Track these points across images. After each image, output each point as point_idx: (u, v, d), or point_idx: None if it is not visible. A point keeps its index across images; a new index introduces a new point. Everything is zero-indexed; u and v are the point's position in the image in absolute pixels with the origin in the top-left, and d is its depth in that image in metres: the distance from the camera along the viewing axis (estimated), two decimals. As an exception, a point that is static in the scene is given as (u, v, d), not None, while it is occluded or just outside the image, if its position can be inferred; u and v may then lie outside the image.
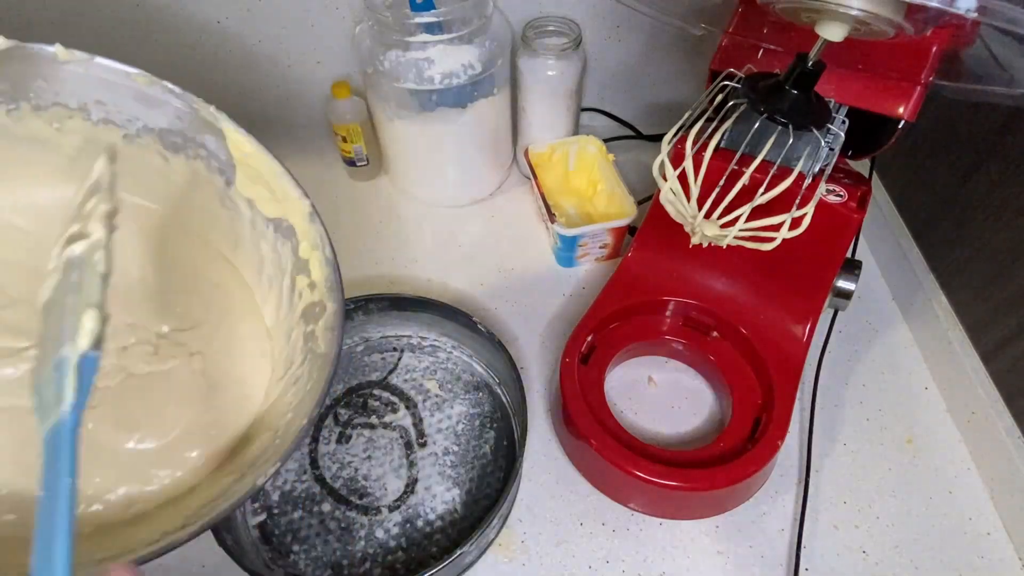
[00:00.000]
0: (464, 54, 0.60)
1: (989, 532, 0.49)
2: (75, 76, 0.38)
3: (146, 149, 0.41)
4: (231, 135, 0.40)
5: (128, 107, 0.40)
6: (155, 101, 0.40)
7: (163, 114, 0.40)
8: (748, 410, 0.52)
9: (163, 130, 0.41)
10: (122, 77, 0.39)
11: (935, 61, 0.42)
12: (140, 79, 0.39)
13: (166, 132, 0.41)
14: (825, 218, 0.47)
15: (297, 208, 0.41)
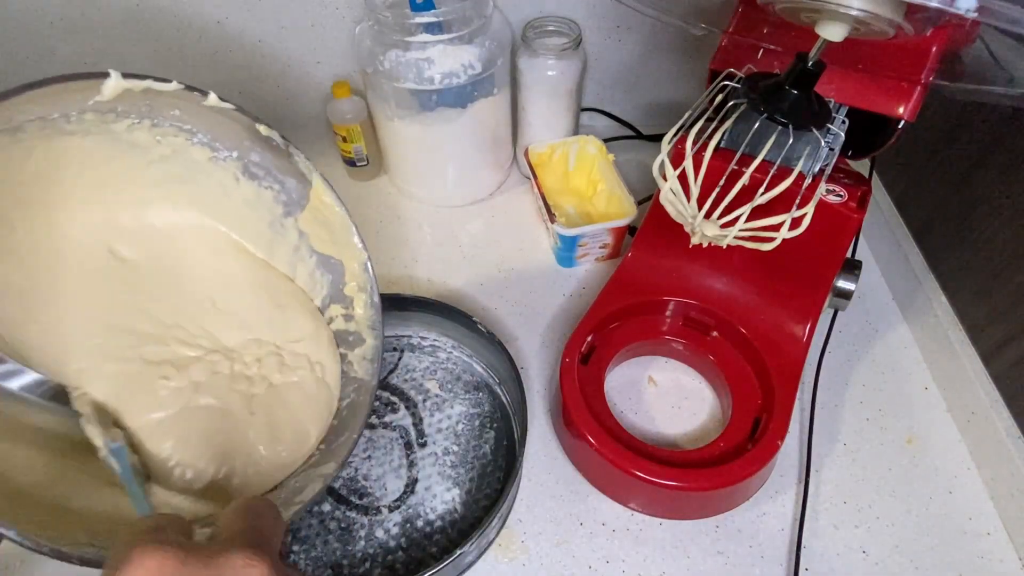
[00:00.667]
0: (464, 54, 0.60)
1: (989, 532, 0.49)
2: (207, 113, 0.40)
3: (224, 169, 0.44)
4: (317, 186, 0.45)
5: (234, 142, 0.43)
6: (261, 142, 0.43)
7: (261, 153, 0.44)
8: (748, 410, 0.52)
9: (251, 161, 0.44)
10: (248, 124, 0.42)
11: (935, 61, 0.41)
12: (263, 128, 0.42)
13: (253, 163, 0.44)
14: (825, 218, 0.47)
15: (355, 255, 0.47)
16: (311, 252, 0.49)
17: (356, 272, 0.48)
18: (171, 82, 0.34)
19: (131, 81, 0.32)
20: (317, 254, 0.49)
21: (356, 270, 0.48)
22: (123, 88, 0.32)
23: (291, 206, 0.47)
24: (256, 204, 0.46)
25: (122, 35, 0.72)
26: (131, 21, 0.71)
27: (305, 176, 0.45)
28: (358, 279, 0.48)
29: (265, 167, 0.45)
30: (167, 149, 0.43)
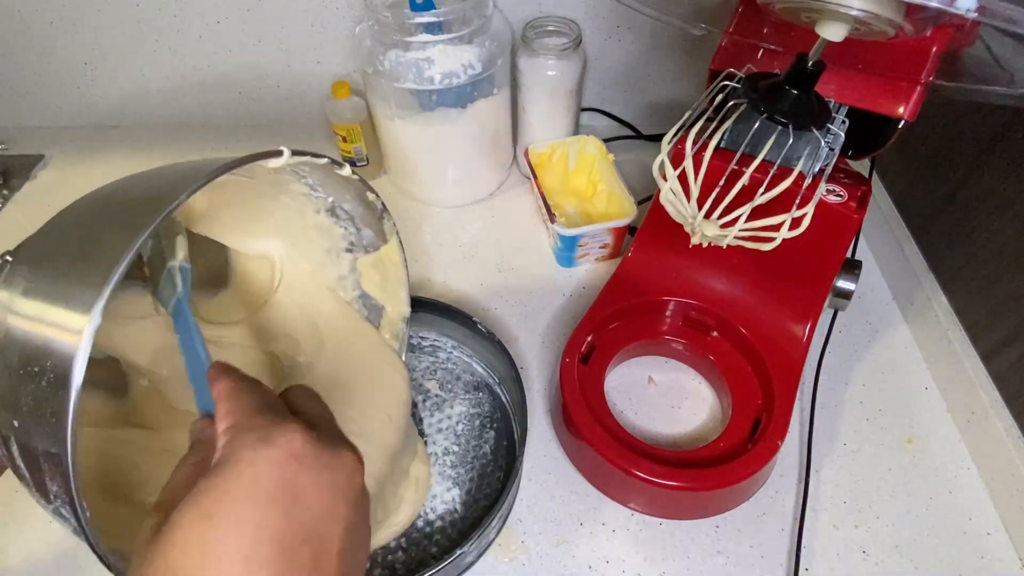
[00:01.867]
0: (464, 54, 0.60)
1: (989, 532, 0.49)
2: (335, 178, 0.42)
3: (313, 202, 0.45)
4: (392, 243, 0.48)
5: (334, 191, 0.44)
6: (361, 200, 0.45)
7: (353, 204, 0.46)
8: (748, 410, 0.52)
9: (340, 207, 0.46)
10: (359, 189, 0.44)
11: (935, 61, 0.41)
12: (371, 195, 0.44)
13: (341, 208, 0.46)
14: (825, 218, 0.47)
15: (398, 308, 0.51)
16: (356, 286, 0.50)
17: (393, 321, 0.51)
18: (324, 158, 0.37)
19: (296, 158, 0.35)
20: (362, 291, 0.51)
21: (394, 319, 0.51)
22: (288, 163, 0.35)
23: (357, 248, 0.49)
24: (325, 233, 0.48)
25: (122, 35, 0.72)
26: (131, 21, 0.71)
27: (385, 235, 0.48)
28: (393, 328, 0.51)
29: (351, 215, 0.46)
30: (276, 189, 0.45)
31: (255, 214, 0.46)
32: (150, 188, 0.33)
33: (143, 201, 0.31)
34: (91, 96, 0.79)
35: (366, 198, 0.44)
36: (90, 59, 0.75)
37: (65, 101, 0.80)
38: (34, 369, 0.27)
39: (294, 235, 0.47)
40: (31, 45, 0.73)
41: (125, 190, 0.34)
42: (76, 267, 0.29)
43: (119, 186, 0.34)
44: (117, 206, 0.33)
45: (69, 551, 0.48)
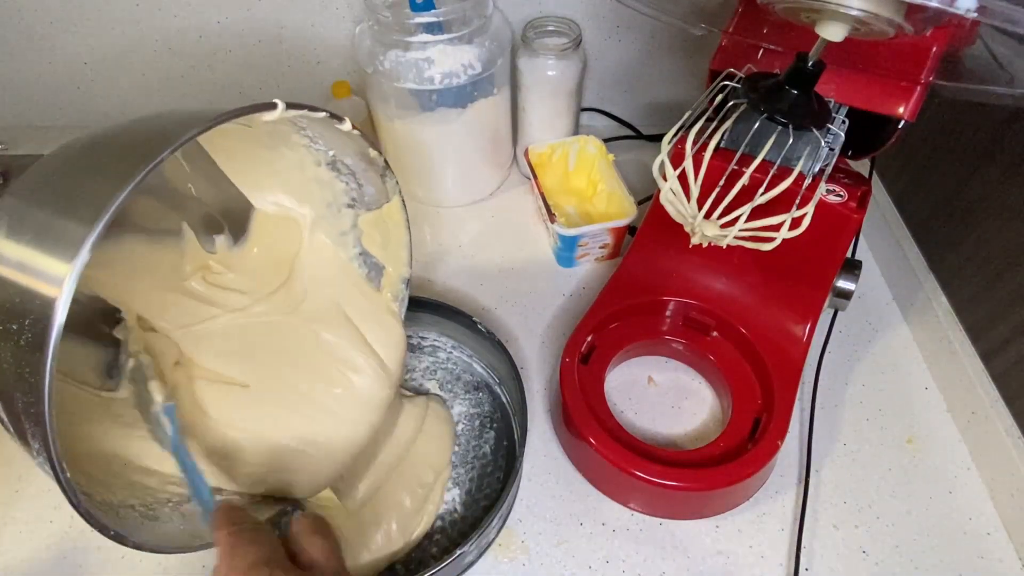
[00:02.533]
0: (464, 54, 0.60)
1: (989, 532, 0.49)
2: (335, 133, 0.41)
3: (313, 154, 0.45)
4: (394, 202, 0.48)
5: (334, 144, 0.44)
6: (363, 156, 0.44)
7: (355, 160, 0.45)
8: (748, 410, 0.52)
9: (342, 161, 0.45)
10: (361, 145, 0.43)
11: (935, 61, 0.41)
12: (373, 152, 0.43)
13: (342, 163, 0.45)
14: (825, 218, 0.47)
15: (399, 268, 0.51)
16: (357, 243, 0.50)
17: (394, 281, 0.51)
18: (322, 112, 0.37)
19: (291, 112, 0.35)
20: (362, 248, 0.50)
21: (395, 279, 0.51)
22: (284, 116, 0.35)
23: (358, 204, 0.48)
24: (326, 186, 0.47)
25: (122, 35, 0.72)
26: (131, 21, 0.71)
27: (388, 193, 0.47)
28: (394, 288, 0.51)
29: (352, 170, 0.46)
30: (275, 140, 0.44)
31: (257, 165, 0.45)
32: (148, 131, 0.32)
33: (141, 142, 0.30)
34: (91, 96, 0.79)
35: (368, 154, 0.44)
36: (90, 59, 0.75)
37: (65, 101, 0.80)
38: (12, 327, 0.26)
39: (295, 188, 0.47)
40: (31, 45, 0.73)
41: (123, 132, 0.33)
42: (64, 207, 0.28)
43: (117, 128, 0.33)
44: (114, 146, 0.32)
45: (69, 552, 0.48)
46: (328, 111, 0.37)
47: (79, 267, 0.25)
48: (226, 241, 0.48)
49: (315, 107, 0.36)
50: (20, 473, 0.52)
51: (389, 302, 0.51)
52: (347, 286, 0.50)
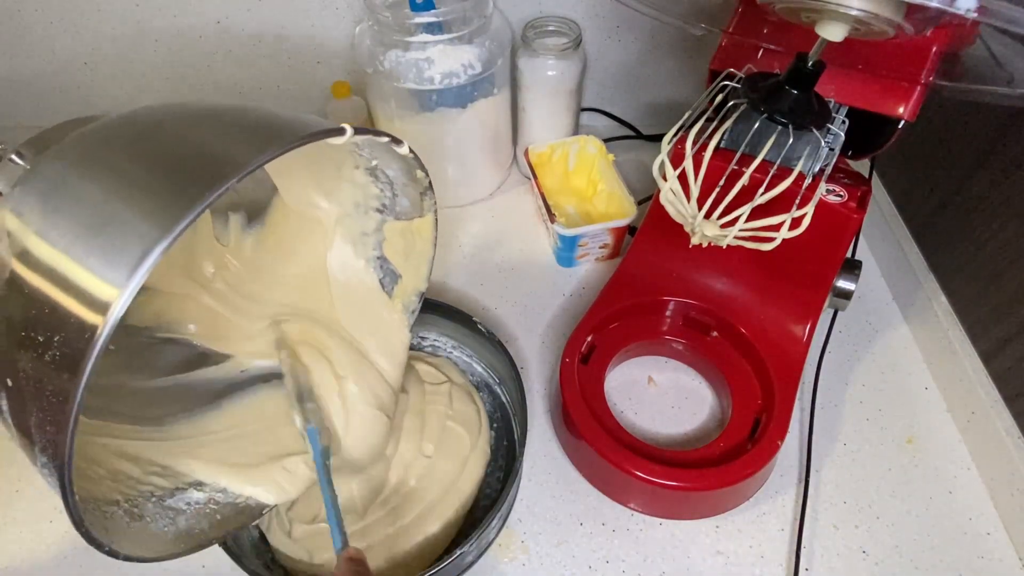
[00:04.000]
0: (464, 54, 0.60)
1: (989, 532, 0.49)
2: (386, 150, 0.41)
3: (353, 158, 0.44)
4: (428, 218, 0.47)
5: (387, 163, 0.43)
6: (408, 174, 0.43)
7: (397, 173, 0.44)
8: (748, 410, 0.52)
9: (382, 171, 0.44)
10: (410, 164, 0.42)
11: (935, 61, 0.41)
12: (420, 174, 0.43)
13: (383, 172, 0.44)
14: (825, 218, 0.47)
15: (415, 281, 0.50)
16: (377, 247, 0.49)
17: (407, 292, 0.50)
18: (385, 137, 0.36)
19: (358, 136, 0.33)
20: (382, 252, 0.49)
21: (408, 290, 0.50)
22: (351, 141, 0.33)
23: (388, 211, 0.47)
24: (358, 188, 0.46)
25: (121, 35, 0.72)
26: (130, 22, 0.71)
27: (423, 209, 0.46)
28: (406, 299, 0.50)
29: (391, 181, 0.45)
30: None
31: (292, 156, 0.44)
32: (214, 140, 0.28)
33: (208, 159, 0.26)
34: (91, 96, 0.79)
35: (414, 174, 0.43)
36: (90, 59, 0.75)
37: (65, 101, 0.80)
38: (38, 338, 0.22)
39: (326, 183, 0.46)
40: (31, 45, 0.73)
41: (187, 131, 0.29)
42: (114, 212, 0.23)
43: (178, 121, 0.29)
44: (176, 148, 0.28)
45: (69, 552, 0.48)
46: (390, 136, 0.37)
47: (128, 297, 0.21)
48: (240, 222, 0.46)
49: (379, 132, 0.36)
50: (20, 473, 0.52)
51: (399, 310, 0.50)
52: (358, 289, 0.49)
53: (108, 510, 0.34)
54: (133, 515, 0.36)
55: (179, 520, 0.39)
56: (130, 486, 0.38)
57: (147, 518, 0.37)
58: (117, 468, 0.38)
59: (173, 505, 0.39)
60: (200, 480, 0.41)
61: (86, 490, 0.34)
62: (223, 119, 0.30)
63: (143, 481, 0.39)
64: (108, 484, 0.36)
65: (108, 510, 0.34)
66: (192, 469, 0.41)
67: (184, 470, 0.41)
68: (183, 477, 0.41)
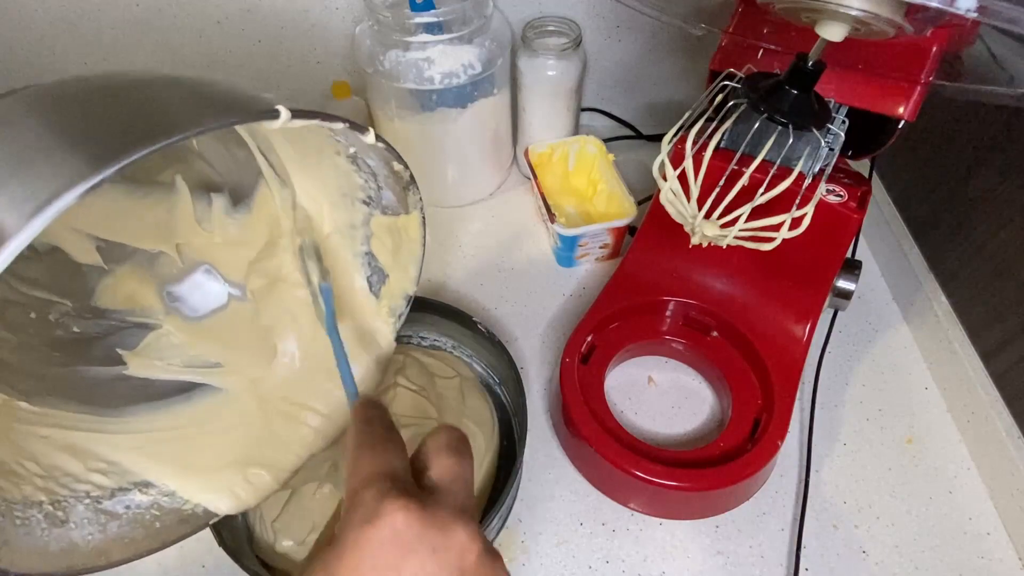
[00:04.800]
0: (464, 54, 0.60)
1: (989, 532, 0.49)
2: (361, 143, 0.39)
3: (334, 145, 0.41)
4: (413, 216, 0.45)
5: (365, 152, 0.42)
6: (387, 164, 0.42)
7: (377, 162, 0.42)
8: (748, 410, 0.52)
9: (363, 159, 0.42)
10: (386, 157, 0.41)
11: (935, 61, 0.41)
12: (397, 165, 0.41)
13: (363, 161, 0.42)
14: (825, 218, 0.47)
15: (403, 283, 0.48)
16: (365, 242, 0.47)
17: (395, 294, 0.48)
18: (341, 122, 0.33)
19: (299, 121, 0.30)
20: (370, 248, 0.47)
21: (396, 292, 0.48)
22: (290, 125, 0.31)
23: (374, 204, 0.45)
24: (342, 175, 0.43)
25: (121, 35, 0.72)
26: (130, 21, 0.71)
27: (409, 206, 0.44)
28: (393, 302, 0.48)
29: (373, 171, 0.43)
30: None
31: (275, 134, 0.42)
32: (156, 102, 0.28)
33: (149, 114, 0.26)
34: (91, 96, 0.79)
35: (392, 166, 0.41)
36: (90, 59, 0.75)
37: (65, 101, 0.80)
38: None
39: (310, 166, 0.43)
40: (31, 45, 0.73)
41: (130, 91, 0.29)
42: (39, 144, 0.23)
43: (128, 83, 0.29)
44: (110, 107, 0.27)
45: (69, 551, 0.48)
46: (348, 120, 0.33)
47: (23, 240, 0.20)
48: (224, 205, 0.44)
49: (330, 115, 0.32)
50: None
51: (385, 312, 0.48)
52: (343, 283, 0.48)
53: (25, 514, 0.32)
54: (55, 520, 0.34)
55: (110, 527, 0.36)
56: (64, 484, 0.35)
57: (71, 523, 0.35)
58: (55, 464, 0.36)
59: (109, 509, 0.37)
60: (147, 480, 0.39)
61: (3, 490, 0.32)
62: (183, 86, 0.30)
63: (81, 479, 0.36)
64: (36, 483, 0.34)
65: (25, 514, 0.32)
66: (142, 467, 0.39)
67: (132, 467, 0.39)
68: (129, 476, 0.38)
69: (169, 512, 0.39)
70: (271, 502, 0.48)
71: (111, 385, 0.42)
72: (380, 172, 0.43)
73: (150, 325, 0.45)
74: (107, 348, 0.43)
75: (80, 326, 0.42)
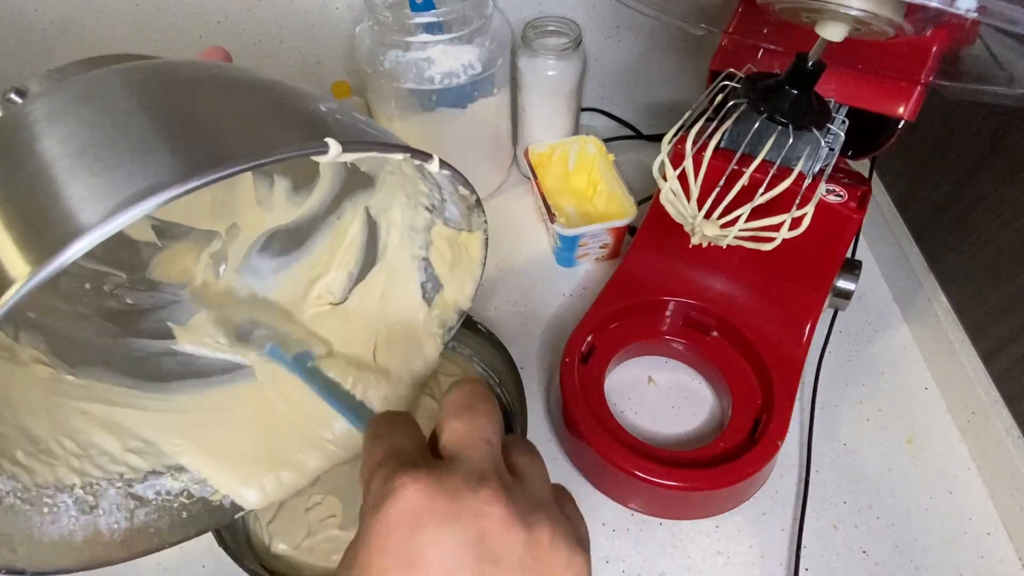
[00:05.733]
0: (464, 54, 0.60)
1: (989, 532, 0.49)
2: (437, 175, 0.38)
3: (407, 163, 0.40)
4: (476, 235, 0.42)
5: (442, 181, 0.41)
6: (452, 183, 0.41)
7: (445, 181, 0.41)
8: (748, 410, 0.52)
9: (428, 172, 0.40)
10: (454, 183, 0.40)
11: (935, 61, 0.41)
12: (464, 191, 0.40)
13: (428, 172, 0.41)
14: (825, 218, 0.47)
15: (457, 297, 0.45)
16: (424, 247, 0.45)
17: (447, 305, 0.46)
18: (399, 155, 0.31)
19: (351, 155, 0.28)
20: (428, 255, 0.45)
21: (448, 304, 0.46)
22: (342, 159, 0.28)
23: (436, 213, 0.43)
24: (407, 180, 0.42)
25: (121, 35, 0.72)
26: (130, 21, 0.71)
27: (472, 225, 0.42)
28: (445, 314, 0.46)
29: (439, 184, 0.41)
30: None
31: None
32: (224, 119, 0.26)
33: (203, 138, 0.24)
34: (91, 96, 0.79)
35: (458, 190, 0.40)
36: (90, 59, 0.75)
37: (65, 101, 0.80)
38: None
39: (375, 168, 0.42)
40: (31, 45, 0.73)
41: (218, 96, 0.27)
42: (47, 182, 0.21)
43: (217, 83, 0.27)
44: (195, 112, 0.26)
45: (69, 551, 0.48)
46: (411, 149, 0.30)
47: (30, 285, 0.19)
48: (287, 187, 0.43)
49: (389, 146, 0.29)
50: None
51: (435, 320, 0.45)
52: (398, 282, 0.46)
53: (53, 501, 0.32)
54: (84, 506, 0.33)
55: (137, 514, 0.36)
56: (99, 464, 0.35)
57: (100, 509, 0.34)
58: (92, 441, 0.35)
59: (140, 493, 0.36)
60: (181, 464, 0.39)
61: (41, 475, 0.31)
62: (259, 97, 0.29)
63: (117, 459, 0.36)
64: (71, 463, 0.34)
65: (53, 501, 0.32)
66: (178, 450, 0.38)
67: (168, 449, 0.38)
68: (164, 458, 0.38)
69: (197, 501, 0.39)
70: None
71: (158, 360, 0.42)
72: (445, 186, 0.41)
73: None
74: (158, 321, 0.43)
75: (133, 297, 0.42)
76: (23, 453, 0.33)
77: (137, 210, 0.20)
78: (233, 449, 0.40)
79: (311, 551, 0.46)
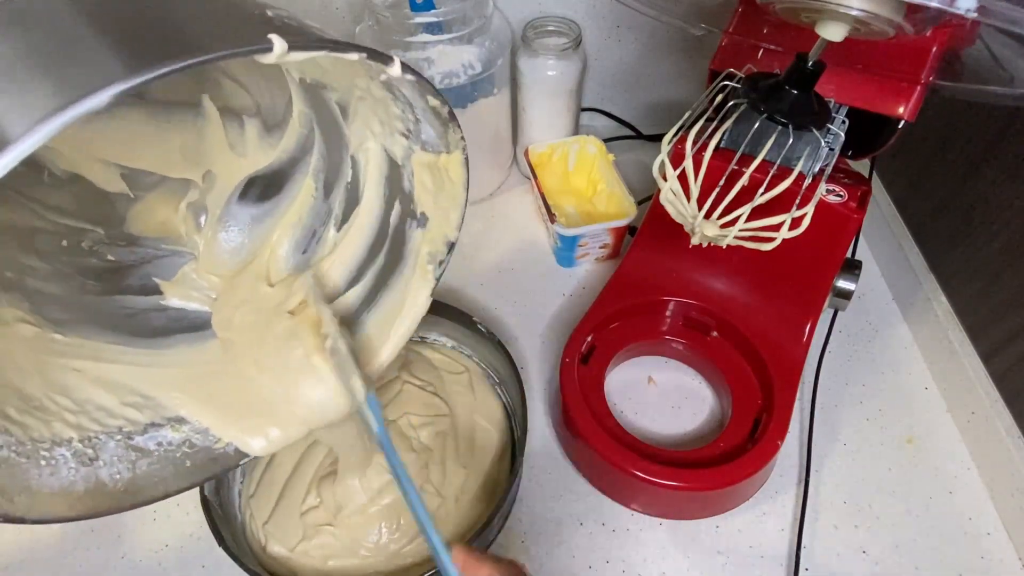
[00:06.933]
0: (464, 54, 0.60)
1: (989, 532, 0.49)
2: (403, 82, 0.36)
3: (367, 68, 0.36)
4: (455, 156, 0.42)
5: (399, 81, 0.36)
6: (422, 98, 0.38)
7: (415, 96, 0.38)
8: (748, 410, 0.52)
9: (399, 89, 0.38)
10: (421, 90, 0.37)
11: (935, 61, 0.42)
12: (434, 101, 0.38)
13: (398, 90, 0.38)
14: (825, 218, 0.47)
15: (444, 229, 0.42)
16: (408, 179, 0.42)
17: (435, 239, 0.43)
18: (355, 54, 0.29)
19: (298, 54, 0.27)
20: (412, 186, 0.42)
21: (437, 238, 0.43)
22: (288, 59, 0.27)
23: (413, 138, 0.40)
24: (379, 104, 0.39)
25: (122, 35, 0.72)
26: (131, 21, 0.71)
27: (450, 144, 0.40)
28: (433, 246, 0.43)
29: (410, 102, 0.38)
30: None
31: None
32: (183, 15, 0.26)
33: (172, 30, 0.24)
34: (91, 96, 0.79)
35: (428, 100, 0.37)
36: (90, 59, 0.75)
37: (65, 101, 0.80)
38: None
39: (345, 91, 0.40)
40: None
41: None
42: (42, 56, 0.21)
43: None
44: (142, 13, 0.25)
45: (69, 551, 0.48)
46: (367, 49, 0.28)
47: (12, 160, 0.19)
48: (259, 128, 0.40)
49: (343, 44, 0.27)
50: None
51: (423, 261, 0.43)
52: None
53: (51, 454, 0.31)
54: (83, 458, 0.33)
55: (139, 465, 0.35)
56: (96, 419, 0.34)
57: (100, 461, 0.33)
58: (88, 397, 0.34)
59: (140, 445, 0.35)
60: (181, 416, 0.37)
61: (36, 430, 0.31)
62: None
63: (115, 413, 0.35)
64: (66, 419, 0.33)
65: (51, 454, 0.31)
66: (177, 403, 0.37)
67: (167, 402, 0.37)
68: (163, 411, 0.37)
69: (200, 450, 0.38)
70: (261, 503, 0.47)
71: (147, 316, 0.40)
72: (417, 104, 0.39)
73: (185, 254, 0.43)
74: (143, 277, 0.42)
75: (114, 254, 0.41)
76: (15, 410, 0.32)
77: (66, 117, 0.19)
78: (233, 398, 0.39)
79: (306, 554, 0.46)
